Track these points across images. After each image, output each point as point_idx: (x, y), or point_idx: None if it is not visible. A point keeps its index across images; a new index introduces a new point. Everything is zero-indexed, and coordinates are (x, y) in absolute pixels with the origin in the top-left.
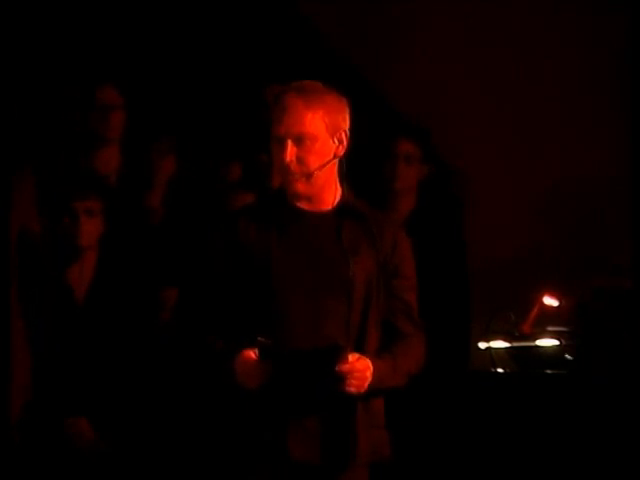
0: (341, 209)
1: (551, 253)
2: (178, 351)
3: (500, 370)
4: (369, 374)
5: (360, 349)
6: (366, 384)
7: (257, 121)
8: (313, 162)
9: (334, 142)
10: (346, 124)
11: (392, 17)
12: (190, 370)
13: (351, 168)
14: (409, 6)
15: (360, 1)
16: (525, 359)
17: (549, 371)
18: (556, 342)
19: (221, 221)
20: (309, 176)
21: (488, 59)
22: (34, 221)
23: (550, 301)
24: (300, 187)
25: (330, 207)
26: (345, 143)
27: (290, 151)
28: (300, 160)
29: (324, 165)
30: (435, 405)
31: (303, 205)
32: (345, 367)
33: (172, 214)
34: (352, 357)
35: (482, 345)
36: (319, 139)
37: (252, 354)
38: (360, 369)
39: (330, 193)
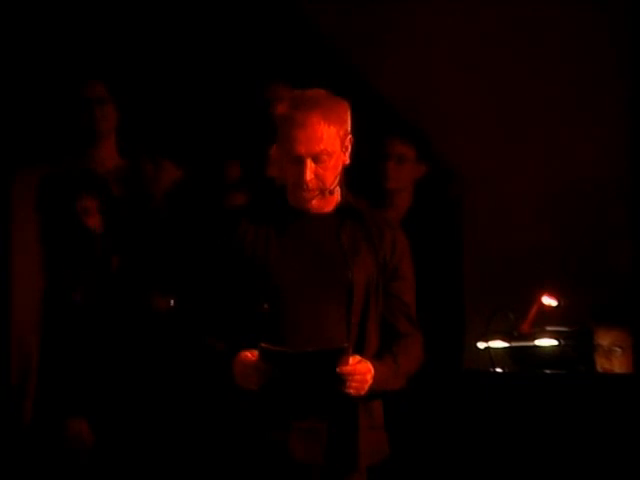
0: (341, 210)
1: (551, 253)
2: (179, 352)
3: (499, 370)
4: (370, 377)
5: (360, 350)
6: (366, 387)
7: (258, 120)
8: (329, 177)
9: (343, 152)
10: (349, 127)
11: (392, 17)
12: (191, 371)
13: (347, 167)
14: (409, 6)
15: (360, 1)
16: (524, 359)
17: (548, 371)
18: (555, 342)
19: (221, 222)
20: (325, 191)
21: (488, 59)
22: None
23: (549, 301)
24: (315, 203)
25: (330, 208)
26: (350, 148)
27: (310, 170)
28: (318, 177)
29: (337, 177)
30: (433, 405)
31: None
32: (346, 369)
33: (171, 214)
34: (353, 359)
35: (481, 345)
36: (335, 154)
37: (250, 355)
38: (361, 372)
39: (333, 196)
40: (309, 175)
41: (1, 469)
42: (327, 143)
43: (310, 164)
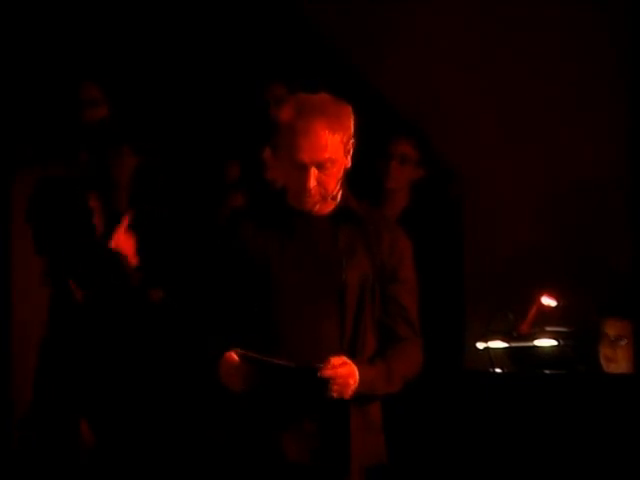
0: (339, 212)
1: (550, 253)
2: (174, 350)
3: (498, 370)
4: (352, 381)
5: (355, 352)
6: (349, 390)
7: (257, 121)
8: (332, 184)
9: (346, 157)
10: (352, 132)
11: (392, 17)
12: (185, 369)
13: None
14: (409, 6)
15: (360, 1)
16: (523, 359)
17: (547, 371)
18: (554, 342)
19: (220, 222)
20: (327, 197)
21: (488, 59)
22: None
23: (548, 301)
24: (317, 208)
25: (330, 210)
26: (351, 152)
27: (313, 177)
28: (321, 183)
29: (339, 182)
30: (433, 405)
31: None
32: (327, 372)
33: (170, 215)
34: (336, 361)
35: (480, 345)
36: (338, 161)
37: (235, 356)
38: (342, 375)
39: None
40: (312, 183)
41: (1, 469)
42: (331, 151)
43: (314, 171)
